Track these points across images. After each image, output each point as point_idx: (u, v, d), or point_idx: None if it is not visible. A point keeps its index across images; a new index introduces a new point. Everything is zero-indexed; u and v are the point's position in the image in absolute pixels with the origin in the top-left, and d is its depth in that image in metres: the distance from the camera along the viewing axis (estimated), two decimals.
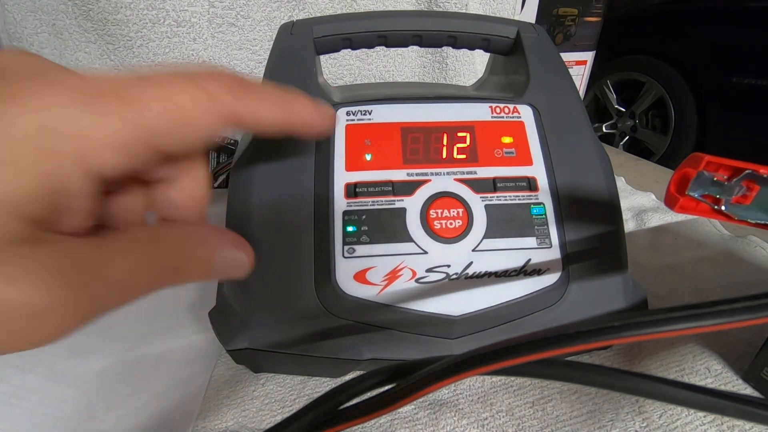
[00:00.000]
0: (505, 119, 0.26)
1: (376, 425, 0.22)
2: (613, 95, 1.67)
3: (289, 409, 0.23)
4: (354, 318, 0.22)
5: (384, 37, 0.28)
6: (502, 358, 0.11)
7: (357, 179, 0.23)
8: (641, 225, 0.42)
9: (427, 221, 0.23)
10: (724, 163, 0.17)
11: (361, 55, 0.56)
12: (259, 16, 0.51)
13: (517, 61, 0.29)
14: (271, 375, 0.25)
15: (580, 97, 0.27)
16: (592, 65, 0.83)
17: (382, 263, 0.22)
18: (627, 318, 0.10)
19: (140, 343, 0.28)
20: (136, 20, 0.47)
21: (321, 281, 0.22)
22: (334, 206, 0.23)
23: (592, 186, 0.25)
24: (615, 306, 0.23)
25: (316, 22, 0.28)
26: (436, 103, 0.26)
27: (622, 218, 0.25)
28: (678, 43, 1.46)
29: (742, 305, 0.10)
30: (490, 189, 0.24)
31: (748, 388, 0.24)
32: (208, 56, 0.51)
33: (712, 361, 0.25)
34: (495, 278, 0.22)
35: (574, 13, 0.76)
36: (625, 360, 0.26)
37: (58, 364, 0.25)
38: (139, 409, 0.23)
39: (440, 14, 0.29)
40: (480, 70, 0.59)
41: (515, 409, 0.23)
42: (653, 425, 0.22)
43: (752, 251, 0.36)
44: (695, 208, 0.18)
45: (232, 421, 0.23)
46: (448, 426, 0.22)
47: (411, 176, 0.24)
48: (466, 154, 0.25)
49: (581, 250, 0.23)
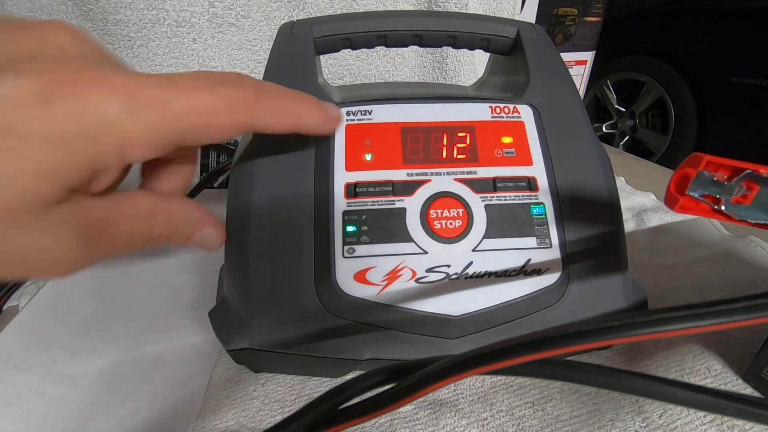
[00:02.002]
0: (505, 119, 0.26)
1: (376, 425, 0.22)
2: (613, 95, 1.67)
3: (289, 409, 0.23)
4: (354, 318, 0.22)
5: (384, 37, 0.28)
6: (502, 358, 0.11)
7: (357, 179, 0.23)
8: (641, 225, 0.42)
9: (427, 221, 0.23)
10: (724, 163, 0.17)
11: (361, 55, 0.56)
12: (259, 16, 0.51)
13: (517, 61, 0.29)
14: (271, 375, 0.25)
15: (580, 97, 0.27)
16: (592, 65, 0.83)
17: (382, 263, 0.22)
18: (627, 318, 0.10)
19: (140, 343, 0.28)
20: (136, 20, 0.47)
21: (321, 281, 0.22)
22: (334, 206, 0.23)
23: (592, 186, 0.25)
24: (615, 306, 0.23)
25: (316, 22, 0.28)
26: (436, 103, 0.26)
27: (622, 218, 0.25)
28: (678, 43, 1.46)
29: (742, 305, 0.10)
30: (490, 189, 0.24)
31: (748, 388, 0.24)
32: (208, 56, 0.51)
33: (712, 361, 0.25)
34: (495, 278, 0.22)
35: (574, 13, 0.76)
36: (625, 360, 0.26)
37: (58, 364, 0.25)
38: (139, 409, 0.24)
39: (440, 14, 0.29)
40: (480, 70, 0.59)
41: (515, 409, 0.23)
42: (653, 425, 0.22)
43: (752, 251, 0.36)
44: (695, 208, 0.18)
45: (232, 421, 0.23)
46: (448, 426, 0.22)
47: (411, 176, 0.24)
48: (466, 154, 0.25)
49: (581, 250, 0.23)
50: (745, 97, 1.31)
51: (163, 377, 0.26)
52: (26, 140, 0.12)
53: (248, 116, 0.17)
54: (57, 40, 0.14)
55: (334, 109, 0.21)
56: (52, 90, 0.13)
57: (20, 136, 0.12)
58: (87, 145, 0.13)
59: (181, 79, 0.15)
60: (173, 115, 0.15)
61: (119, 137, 0.14)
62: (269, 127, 0.18)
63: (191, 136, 0.15)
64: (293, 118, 0.19)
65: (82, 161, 0.13)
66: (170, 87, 0.15)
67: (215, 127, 0.16)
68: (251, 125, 0.17)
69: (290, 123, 0.19)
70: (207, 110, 0.15)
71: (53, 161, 0.13)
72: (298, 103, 0.19)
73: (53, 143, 0.13)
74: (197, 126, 0.15)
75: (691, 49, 1.43)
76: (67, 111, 0.13)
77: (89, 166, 0.14)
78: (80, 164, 0.13)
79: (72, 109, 0.13)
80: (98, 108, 0.13)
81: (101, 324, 0.28)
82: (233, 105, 0.16)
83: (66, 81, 0.13)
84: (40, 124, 0.12)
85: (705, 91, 1.40)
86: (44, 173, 0.13)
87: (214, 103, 0.15)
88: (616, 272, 0.24)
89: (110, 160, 0.14)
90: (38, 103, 0.12)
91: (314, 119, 0.20)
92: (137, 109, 0.14)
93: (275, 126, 0.18)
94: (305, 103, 0.19)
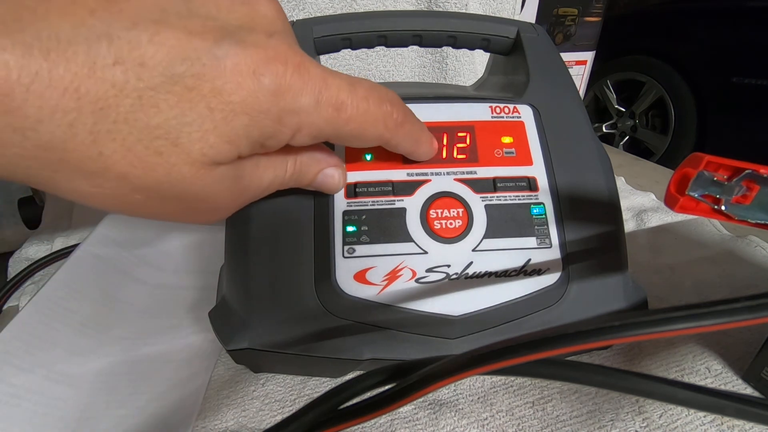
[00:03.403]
0: (505, 119, 0.26)
1: (376, 425, 0.22)
2: (613, 95, 1.67)
3: (289, 409, 0.23)
4: (354, 318, 0.22)
5: (384, 37, 0.28)
6: (502, 358, 0.11)
7: (357, 179, 0.23)
8: (641, 225, 0.42)
9: (427, 221, 0.23)
10: (724, 163, 0.17)
11: (361, 55, 0.56)
12: None
13: (517, 61, 0.29)
14: (271, 375, 0.25)
15: (580, 97, 0.27)
16: (592, 65, 0.83)
17: (382, 263, 0.22)
18: (627, 318, 0.10)
19: (140, 343, 0.28)
20: None
21: (321, 281, 0.22)
22: (334, 206, 0.23)
23: (592, 186, 0.25)
24: (615, 306, 0.23)
25: (316, 22, 0.28)
26: (436, 103, 0.26)
27: (622, 218, 0.25)
28: (678, 43, 1.46)
29: (742, 305, 0.10)
30: (490, 189, 0.24)
31: (748, 388, 0.24)
32: None
33: (712, 361, 0.25)
34: (495, 278, 0.22)
35: (574, 13, 0.76)
36: (625, 360, 0.26)
37: (58, 364, 0.25)
38: (139, 409, 0.23)
39: (440, 14, 0.29)
40: (480, 70, 0.59)
41: (515, 409, 0.23)
42: (653, 425, 0.22)
43: (752, 251, 0.36)
44: (695, 208, 0.18)
45: (232, 421, 0.23)
46: (448, 426, 0.22)
47: (411, 176, 0.24)
48: (466, 154, 0.25)
49: (581, 250, 0.23)
50: (745, 97, 1.31)
51: (163, 377, 0.26)
52: (228, 105, 0.14)
53: (392, 133, 0.19)
54: (268, 13, 0.16)
55: (435, 141, 0.24)
56: (265, 68, 0.14)
57: (224, 100, 0.14)
58: (273, 122, 0.15)
59: (360, 87, 0.17)
60: (346, 117, 0.16)
61: (300, 123, 0.16)
62: (396, 148, 0.20)
63: (347, 137, 0.17)
64: (416, 145, 0.21)
65: (263, 134, 0.15)
66: (351, 92, 0.16)
67: (368, 137, 0.18)
68: (388, 142, 0.19)
69: (411, 149, 0.22)
70: (370, 121, 0.17)
71: (240, 128, 0.14)
72: (424, 133, 0.22)
73: (248, 113, 0.14)
74: (358, 130, 0.17)
75: (691, 49, 1.43)
76: (270, 89, 0.14)
77: (266, 139, 0.15)
78: (259, 136, 0.15)
79: (275, 89, 0.14)
80: (296, 94, 0.15)
81: (101, 324, 0.28)
82: (387, 122, 0.18)
83: (278, 62, 0.14)
84: (244, 95, 0.14)
85: (705, 91, 1.40)
86: (229, 137, 0.14)
87: (377, 117, 0.18)
88: (616, 272, 0.24)
89: (284, 137, 0.16)
90: (250, 77, 0.14)
91: (427, 149, 0.23)
92: (323, 104, 0.16)
93: (401, 148, 0.21)
94: (426, 133, 0.22)
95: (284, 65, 0.14)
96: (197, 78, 0.13)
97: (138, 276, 0.33)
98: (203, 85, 0.13)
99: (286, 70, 0.14)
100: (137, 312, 0.30)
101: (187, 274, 0.35)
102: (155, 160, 0.14)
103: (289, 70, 0.15)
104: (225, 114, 0.14)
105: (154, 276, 0.34)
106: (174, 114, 0.13)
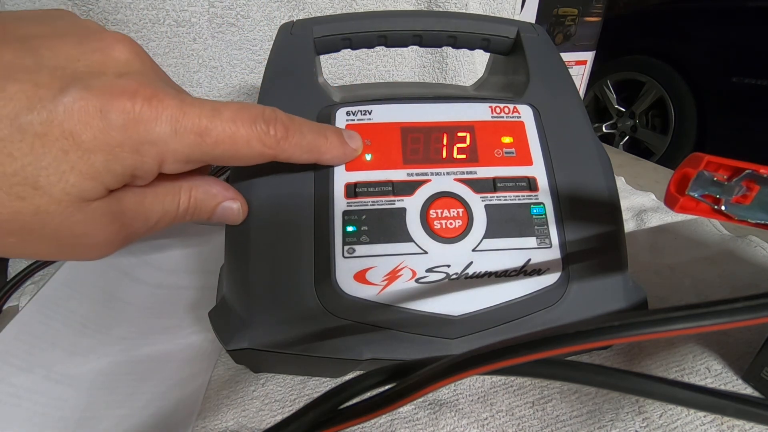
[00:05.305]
0: (505, 119, 0.26)
1: (376, 425, 0.22)
2: (613, 95, 1.67)
3: (289, 409, 0.23)
4: (354, 318, 0.22)
5: (384, 37, 0.28)
6: (502, 358, 0.11)
7: (357, 179, 0.23)
8: (641, 225, 0.42)
9: (427, 221, 0.23)
10: (724, 163, 0.17)
11: (361, 55, 0.56)
12: (259, 16, 0.51)
13: (517, 61, 0.29)
14: (271, 375, 0.25)
15: (580, 97, 0.27)
16: (592, 65, 0.83)
17: (382, 263, 0.22)
18: (627, 318, 0.10)
19: (140, 343, 0.28)
20: (136, 20, 0.47)
21: (321, 281, 0.22)
22: (334, 206, 0.23)
23: (592, 186, 0.25)
24: (615, 306, 0.23)
25: (316, 22, 0.28)
26: (436, 103, 0.26)
27: (622, 218, 0.25)
28: (678, 43, 1.46)
29: (742, 305, 0.10)
30: (490, 189, 0.24)
31: (748, 388, 0.24)
32: (208, 56, 0.51)
33: (712, 361, 0.25)
34: (495, 278, 0.22)
35: (574, 13, 0.76)
36: (625, 360, 0.26)
37: (58, 364, 0.25)
38: (139, 409, 0.23)
39: (440, 14, 0.29)
40: (480, 70, 0.59)
41: (515, 409, 0.23)
42: (653, 425, 0.22)
43: (752, 251, 0.36)
44: (695, 208, 0.18)
45: (232, 421, 0.23)
46: (448, 426, 0.22)
47: (411, 176, 0.24)
48: (466, 154, 0.25)
49: (581, 250, 0.23)
50: (745, 97, 1.31)
51: (163, 377, 0.26)
52: (81, 145, 0.14)
53: (275, 150, 0.19)
54: (120, 56, 0.16)
55: (355, 140, 0.23)
56: (111, 105, 0.15)
57: (76, 141, 0.14)
58: (131, 154, 0.15)
59: (225, 110, 0.17)
60: (212, 141, 0.17)
61: (161, 152, 0.16)
62: (291, 160, 0.20)
63: (222, 159, 0.18)
64: (314, 153, 0.21)
65: (125, 167, 0.16)
66: (214, 117, 0.17)
67: (244, 156, 0.18)
68: (276, 157, 0.19)
69: (311, 158, 0.21)
70: (241, 142, 0.18)
71: (99, 164, 0.15)
72: (322, 138, 0.21)
73: (102, 150, 0.15)
74: (229, 152, 0.18)
75: (691, 49, 1.42)
76: (120, 125, 0.15)
77: (129, 172, 0.16)
78: (122, 169, 0.16)
79: (126, 123, 0.15)
80: (149, 126, 0.15)
81: (101, 324, 0.28)
82: (264, 140, 0.18)
83: (125, 98, 0.15)
84: (94, 133, 0.15)
85: (705, 91, 1.40)
86: (90, 174, 0.15)
87: (249, 137, 0.18)
88: (616, 272, 0.24)
89: (149, 168, 0.16)
90: (97, 116, 0.14)
91: (333, 154, 0.22)
92: (182, 132, 0.16)
93: (297, 160, 0.20)
94: (328, 139, 0.21)
95: (131, 100, 0.15)
96: (46, 124, 0.14)
97: (138, 276, 0.33)
98: (53, 130, 0.14)
99: (134, 104, 0.15)
100: (137, 312, 0.30)
101: (187, 274, 0.35)
102: (19, 204, 0.14)
103: (138, 103, 0.15)
104: (80, 153, 0.14)
105: (154, 276, 0.34)
106: (29, 160, 0.14)
